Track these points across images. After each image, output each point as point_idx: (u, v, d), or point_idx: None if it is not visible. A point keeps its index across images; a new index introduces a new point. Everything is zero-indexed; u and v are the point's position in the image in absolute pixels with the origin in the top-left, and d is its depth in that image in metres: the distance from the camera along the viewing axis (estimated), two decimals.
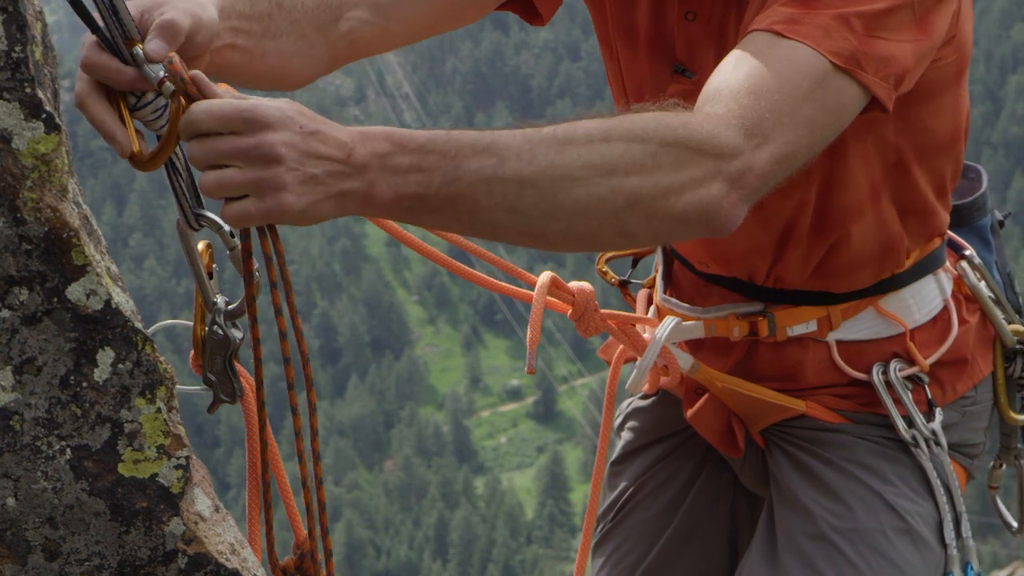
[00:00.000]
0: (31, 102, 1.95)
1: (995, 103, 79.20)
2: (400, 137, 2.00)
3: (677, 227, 2.18)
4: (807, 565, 2.65)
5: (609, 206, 2.09)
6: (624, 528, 3.07)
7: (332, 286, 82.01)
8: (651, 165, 2.10)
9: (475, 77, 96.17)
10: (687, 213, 2.14)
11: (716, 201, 2.15)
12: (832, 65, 2.27)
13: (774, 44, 2.27)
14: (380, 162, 1.98)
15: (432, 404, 77.00)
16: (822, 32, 2.27)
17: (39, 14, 2.07)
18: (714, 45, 2.59)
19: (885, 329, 2.77)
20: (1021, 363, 2.89)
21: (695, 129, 2.14)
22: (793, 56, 2.26)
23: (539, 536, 65.17)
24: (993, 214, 3.04)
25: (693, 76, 2.63)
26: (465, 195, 2.02)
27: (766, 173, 2.20)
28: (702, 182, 2.13)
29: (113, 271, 2.10)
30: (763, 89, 2.22)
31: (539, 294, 2.71)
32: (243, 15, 2.36)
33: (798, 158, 2.26)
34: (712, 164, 2.14)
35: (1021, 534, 3.10)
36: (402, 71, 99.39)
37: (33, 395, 1.99)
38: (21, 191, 1.95)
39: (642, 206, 2.11)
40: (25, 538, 2.01)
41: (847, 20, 2.29)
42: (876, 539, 2.66)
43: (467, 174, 2.01)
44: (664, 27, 2.65)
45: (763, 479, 2.91)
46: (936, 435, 2.73)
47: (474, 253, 2.87)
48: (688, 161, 2.12)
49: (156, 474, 2.06)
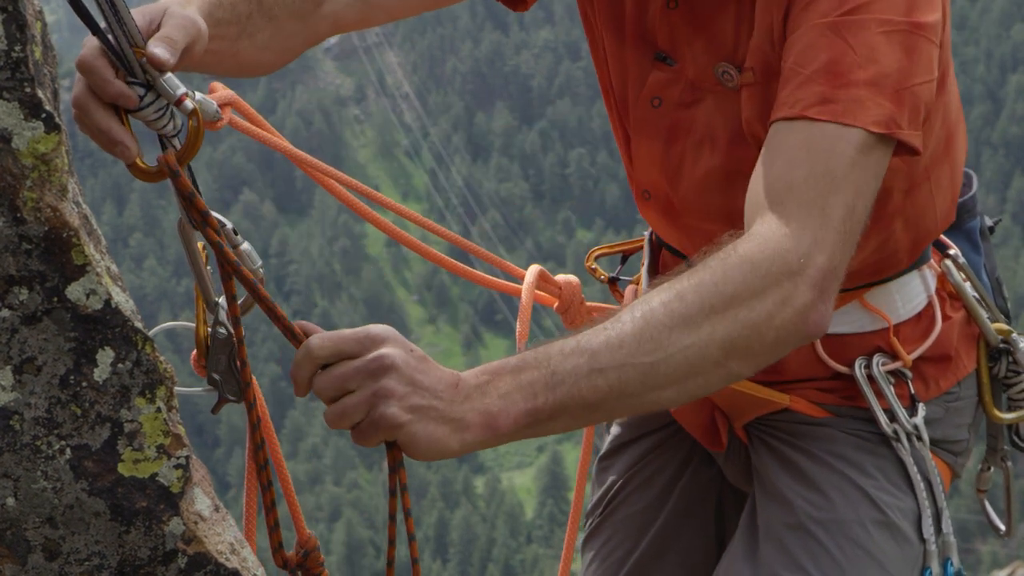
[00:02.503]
0: (31, 102, 1.95)
1: (995, 103, 79.21)
2: (494, 366, 2.08)
3: (780, 351, 2.23)
4: (785, 554, 2.65)
5: (710, 360, 2.14)
6: (612, 523, 3.09)
7: (332, 286, 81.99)
8: (732, 308, 2.14)
9: (475, 77, 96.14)
10: (781, 337, 2.19)
11: (804, 314, 2.19)
12: (870, 134, 2.28)
13: (810, 132, 2.28)
14: (482, 391, 2.05)
15: None
16: (858, 106, 2.28)
17: (39, 13, 2.07)
18: (697, 34, 2.59)
19: (869, 323, 2.76)
20: (1006, 362, 2.88)
21: (757, 258, 2.17)
22: (832, 140, 2.27)
23: (539, 536, 65.17)
24: (983, 218, 3.04)
25: (674, 64, 2.64)
26: (572, 395, 2.07)
27: (837, 264, 2.23)
28: (785, 303, 2.17)
29: (113, 271, 2.10)
30: (809, 181, 2.23)
31: (528, 288, 2.73)
32: (221, 22, 2.37)
33: (858, 230, 2.28)
34: (788, 283, 2.17)
35: (1009, 536, 3.11)
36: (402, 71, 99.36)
37: (33, 395, 1.99)
38: (21, 191, 1.95)
39: (739, 348, 2.15)
40: (25, 538, 2.01)
41: (878, 83, 2.30)
42: (855, 530, 2.66)
43: (566, 376, 2.07)
44: (646, 15, 2.65)
45: (747, 474, 2.92)
46: (918, 430, 2.73)
47: (473, 252, 2.89)
48: (765, 290, 2.16)
49: (156, 474, 2.06)
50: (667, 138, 2.70)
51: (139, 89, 2.07)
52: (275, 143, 2.59)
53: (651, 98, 2.69)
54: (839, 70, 2.30)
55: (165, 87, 2.07)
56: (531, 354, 2.09)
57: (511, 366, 2.08)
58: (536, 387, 2.06)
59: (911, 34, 2.33)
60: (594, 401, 2.09)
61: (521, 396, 2.05)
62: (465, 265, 3.09)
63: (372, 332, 2.03)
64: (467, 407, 2.04)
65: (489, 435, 2.05)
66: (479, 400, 2.04)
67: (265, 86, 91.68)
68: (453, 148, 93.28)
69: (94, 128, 2.08)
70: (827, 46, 2.31)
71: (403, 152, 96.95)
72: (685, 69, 2.63)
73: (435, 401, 2.02)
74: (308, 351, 2.04)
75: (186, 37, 2.14)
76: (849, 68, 2.30)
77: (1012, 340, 2.87)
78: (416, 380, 2.02)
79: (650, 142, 2.73)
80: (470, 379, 2.06)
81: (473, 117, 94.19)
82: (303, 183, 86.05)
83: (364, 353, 2.02)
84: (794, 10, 2.39)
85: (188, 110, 2.06)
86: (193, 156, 2.09)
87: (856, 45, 2.30)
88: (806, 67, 2.32)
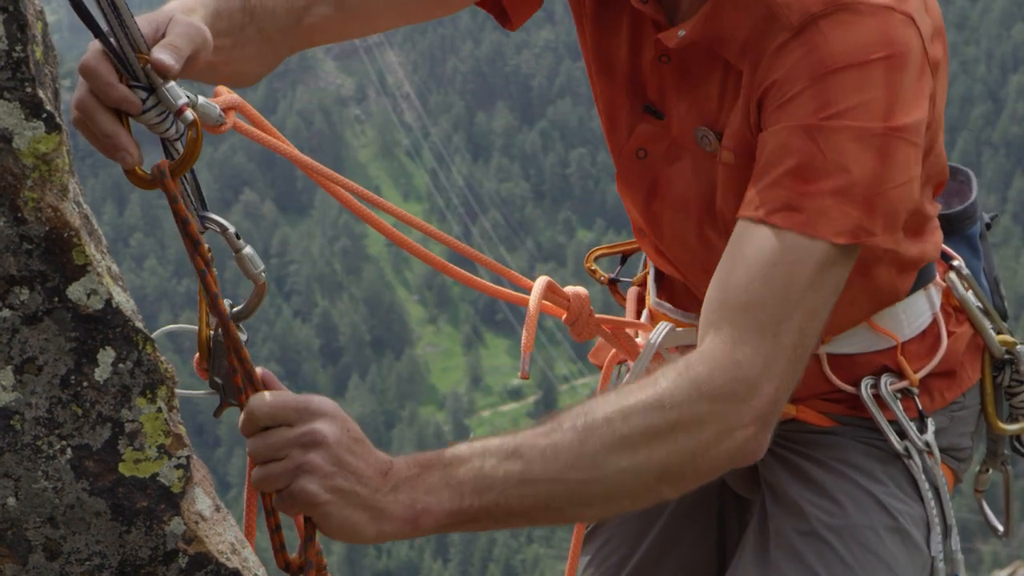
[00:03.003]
0: (32, 102, 1.95)
1: (996, 103, 79.20)
2: (427, 458, 2.05)
3: (709, 477, 2.22)
4: (798, 562, 2.65)
5: (642, 484, 2.13)
6: (610, 526, 3.07)
7: (333, 286, 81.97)
8: (674, 431, 2.12)
9: (476, 77, 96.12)
10: (715, 466, 2.18)
11: (743, 446, 2.19)
12: (835, 246, 2.25)
13: (772, 239, 2.25)
14: (411, 484, 2.02)
15: (433, 404, 77.01)
16: (821, 216, 2.24)
17: (40, 13, 2.07)
18: (684, 92, 2.56)
19: (876, 343, 2.75)
20: (1009, 372, 2.88)
21: (707, 382, 2.15)
22: (794, 252, 2.24)
23: (540, 536, 65.14)
24: (982, 218, 3.03)
25: (662, 118, 2.62)
26: (498, 503, 2.05)
27: (783, 395, 2.23)
28: (725, 435, 2.16)
29: (114, 271, 2.09)
30: (764, 298, 2.21)
31: (535, 299, 2.71)
32: (220, 32, 2.35)
33: (807, 351, 2.27)
34: (733, 415, 2.16)
35: (1007, 537, 3.11)
36: (403, 71, 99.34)
37: (34, 395, 1.99)
38: (22, 191, 1.95)
39: (673, 475, 2.14)
40: (26, 538, 2.01)
41: (846, 192, 2.25)
42: (867, 536, 2.66)
43: (496, 483, 2.05)
44: (639, 65, 2.63)
45: (751, 481, 2.91)
46: (930, 446, 2.73)
47: (474, 259, 2.87)
48: (708, 420, 2.14)
49: (157, 474, 2.06)
50: (647, 193, 2.70)
51: (142, 93, 2.06)
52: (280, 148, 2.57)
53: (637, 149, 2.68)
54: (806, 176, 2.25)
55: (167, 95, 2.05)
56: (466, 449, 2.06)
57: (444, 460, 2.05)
58: (464, 488, 2.04)
59: (887, 138, 2.28)
60: (519, 510, 2.07)
61: (448, 496, 2.03)
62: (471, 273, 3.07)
63: (312, 404, 2.01)
64: (391, 499, 2.01)
65: (409, 529, 2.03)
66: (407, 493, 2.01)
67: (266, 86, 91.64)
68: (454, 148, 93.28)
69: (97, 132, 2.06)
70: (798, 149, 2.27)
71: (404, 152, 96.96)
72: (671, 125, 2.61)
73: (358, 487, 1.99)
74: (249, 412, 2.04)
75: (191, 45, 2.12)
76: (817, 175, 2.25)
77: (1016, 352, 2.87)
78: (344, 461, 1.99)
79: (632, 192, 2.74)
80: (401, 469, 2.03)
81: (474, 117, 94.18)
82: (304, 183, 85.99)
83: (299, 424, 1.99)
84: (769, 105, 2.34)
85: (188, 121, 2.05)
86: (189, 167, 2.07)
87: (827, 151, 2.25)
88: (775, 167, 2.28)
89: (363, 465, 2.00)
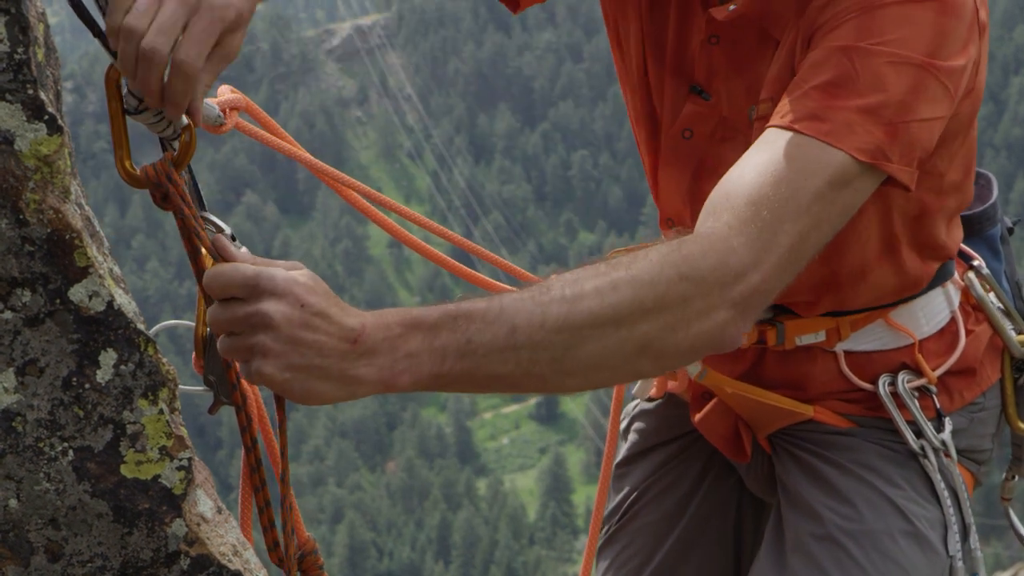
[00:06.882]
0: (33, 104, 1.95)
1: (998, 105, 79.15)
2: (413, 316, 1.99)
3: (687, 359, 2.22)
4: (814, 566, 2.65)
5: (622, 355, 2.10)
6: (629, 531, 3.07)
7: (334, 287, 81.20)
8: (659, 307, 2.10)
9: (477, 78, 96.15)
10: (695, 347, 2.16)
11: (722, 328, 2.16)
12: (855, 161, 2.25)
13: (793, 144, 2.25)
14: (391, 346, 1.97)
15: (434, 405, 76.98)
16: (846, 129, 2.25)
17: (41, 15, 2.07)
18: (736, 73, 2.59)
19: (893, 340, 2.76)
20: None
21: (698, 260, 2.13)
22: (812, 159, 2.24)
23: (541, 538, 65.14)
24: (1003, 222, 3.03)
25: (709, 99, 2.64)
26: (481, 367, 2.02)
27: (769, 288, 2.20)
28: (708, 313, 2.13)
29: (115, 272, 2.10)
30: (771, 197, 2.20)
31: None
32: None
33: (804, 259, 2.25)
34: (717, 293, 2.14)
35: None
36: (404, 72, 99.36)
37: (36, 396, 1.99)
38: (24, 193, 1.95)
39: (653, 349, 2.12)
40: (28, 539, 2.01)
41: (874, 112, 2.27)
42: (883, 541, 2.65)
43: (480, 347, 2.01)
44: (687, 47, 2.65)
45: (769, 484, 2.91)
46: (946, 445, 2.73)
47: (477, 255, 2.87)
48: (694, 295, 2.12)
49: (158, 475, 2.06)
50: (694, 172, 2.71)
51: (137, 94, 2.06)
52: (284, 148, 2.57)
53: (683, 130, 2.70)
54: (837, 91, 2.28)
55: None
56: (453, 309, 2.01)
57: (429, 322, 1.99)
58: (447, 352, 1.99)
59: (923, 71, 2.30)
60: (502, 374, 2.03)
61: (429, 359, 1.98)
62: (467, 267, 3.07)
63: (262, 282, 1.91)
64: (363, 364, 1.95)
65: (383, 390, 1.98)
66: (385, 356, 1.96)
67: (267, 88, 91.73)
68: (455, 150, 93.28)
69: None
70: (834, 65, 2.30)
71: (405, 154, 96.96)
72: (720, 105, 2.64)
73: (318, 359, 1.92)
74: (204, 284, 1.96)
75: None
76: (848, 91, 2.27)
77: None
78: (298, 338, 1.91)
79: (678, 173, 2.74)
80: (378, 330, 1.96)
81: (475, 119, 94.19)
82: (305, 185, 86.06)
83: (249, 301, 1.92)
84: (817, 35, 2.38)
85: (182, 125, 2.04)
86: (182, 169, 2.06)
87: (862, 70, 2.28)
88: (809, 81, 2.31)
89: (322, 338, 1.93)
